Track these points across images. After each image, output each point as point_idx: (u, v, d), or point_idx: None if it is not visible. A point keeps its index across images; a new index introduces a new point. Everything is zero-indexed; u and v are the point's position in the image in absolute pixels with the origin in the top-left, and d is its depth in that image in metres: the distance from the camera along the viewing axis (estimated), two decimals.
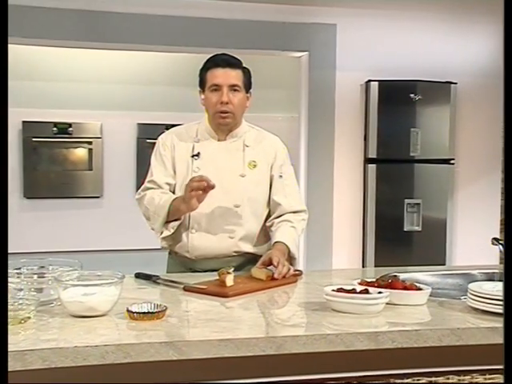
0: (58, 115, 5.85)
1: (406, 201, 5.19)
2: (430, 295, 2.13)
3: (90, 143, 5.91)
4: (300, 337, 1.72)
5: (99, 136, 5.91)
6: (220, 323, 1.84)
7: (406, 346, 1.77)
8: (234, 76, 2.60)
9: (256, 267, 2.48)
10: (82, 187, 6.01)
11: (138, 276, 2.49)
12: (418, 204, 5.21)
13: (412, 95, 5.15)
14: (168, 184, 2.70)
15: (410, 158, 5.19)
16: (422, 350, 1.79)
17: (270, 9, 4.96)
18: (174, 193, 2.71)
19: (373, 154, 5.17)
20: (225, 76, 2.59)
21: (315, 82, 5.16)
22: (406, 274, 2.70)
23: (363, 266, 5.19)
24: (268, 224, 2.74)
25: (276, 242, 2.60)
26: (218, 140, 2.71)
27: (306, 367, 1.80)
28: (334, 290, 1.99)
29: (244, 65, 2.70)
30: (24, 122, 5.81)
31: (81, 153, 5.98)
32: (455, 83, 5.23)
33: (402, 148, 5.17)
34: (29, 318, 1.83)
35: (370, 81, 5.14)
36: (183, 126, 2.82)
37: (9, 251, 5.48)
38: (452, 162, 5.30)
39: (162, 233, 2.66)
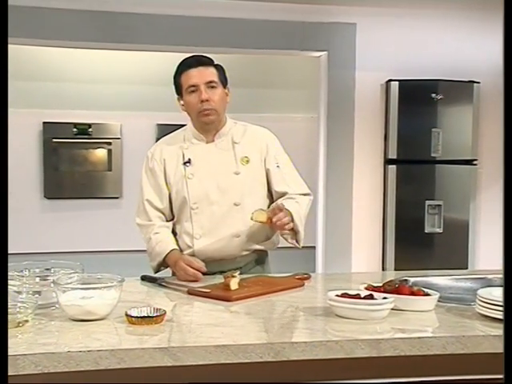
0: (78, 116, 5.87)
1: (427, 202, 5.11)
2: (441, 300, 2.07)
3: (109, 144, 5.92)
4: (298, 343, 1.68)
5: (119, 137, 5.91)
6: (219, 328, 1.80)
7: (408, 353, 1.71)
8: (208, 73, 2.59)
9: (256, 210, 2.46)
10: (102, 188, 6.03)
11: (144, 278, 2.47)
12: (440, 205, 5.12)
13: (433, 95, 5.06)
14: (164, 208, 2.69)
15: (431, 159, 5.10)
16: (425, 358, 1.74)
17: (288, 8, 4.92)
18: (170, 209, 2.70)
19: (393, 155, 5.09)
20: (199, 75, 2.57)
21: (334, 82, 5.11)
22: (420, 278, 2.65)
23: (383, 269, 5.12)
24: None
25: None
26: (207, 142, 2.69)
27: (306, 374, 1.76)
28: (337, 295, 1.95)
29: (216, 62, 2.68)
30: (44, 122, 5.84)
31: (100, 153, 5.99)
32: (478, 82, 5.14)
33: (423, 148, 5.09)
34: (26, 321, 1.82)
35: (390, 80, 5.07)
36: (170, 135, 2.80)
37: (29, 251, 5.52)
38: (475, 162, 5.20)
39: (158, 271, 2.68)
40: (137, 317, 1.83)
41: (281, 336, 1.76)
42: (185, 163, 2.66)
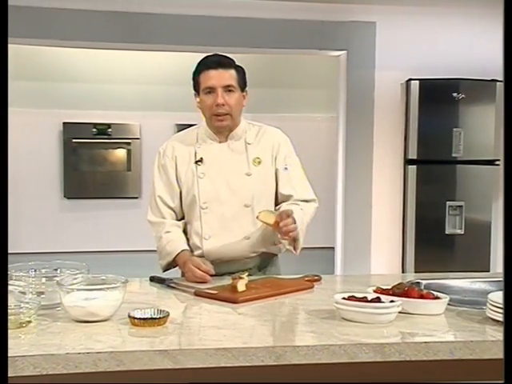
0: (98, 116, 5.89)
1: (448, 203, 5.04)
2: (451, 304, 2.03)
3: (128, 144, 5.93)
4: (301, 347, 1.65)
5: (138, 137, 5.92)
6: (222, 331, 1.78)
7: (414, 358, 1.67)
8: (227, 76, 2.53)
9: (264, 210, 2.42)
10: (121, 188, 6.03)
11: (153, 279, 2.46)
12: (461, 206, 5.05)
13: (455, 94, 5.00)
14: (175, 207, 2.66)
15: (452, 159, 5.04)
16: (432, 363, 1.70)
17: (307, 7, 4.89)
18: (180, 206, 2.67)
19: (413, 155, 5.04)
20: (218, 77, 2.52)
21: (354, 82, 5.07)
22: (434, 281, 2.60)
23: (403, 271, 5.06)
24: (276, 209, 2.65)
25: None
26: (219, 142, 2.66)
27: (310, 378, 1.73)
28: (344, 298, 1.91)
29: (237, 63, 2.63)
30: (64, 123, 5.87)
31: (120, 153, 6.01)
32: (501, 81, 5.04)
33: (444, 148, 5.03)
34: (29, 321, 1.81)
35: (410, 80, 5.01)
36: (182, 132, 2.77)
37: (48, 250, 5.53)
38: (497, 163, 5.11)
39: (167, 269, 2.65)
40: (140, 318, 1.82)
41: (283, 339, 1.72)
42: (196, 162, 2.63)
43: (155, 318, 1.82)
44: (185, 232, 2.68)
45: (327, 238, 5.50)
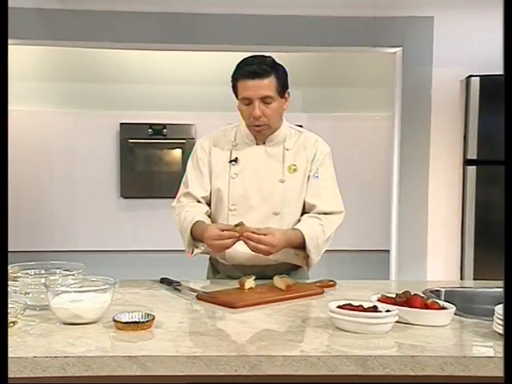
0: (154, 117, 5.93)
1: None
2: (458, 314, 1.89)
3: (183, 144, 5.93)
4: (276, 357, 1.55)
5: (193, 137, 5.91)
6: (202, 337, 1.71)
7: (400, 373, 1.55)
8: (265, 87, 2.41)
9: (277, 276, 2.31)
10: (176, 188, 6.00)
11: (162, 281, 2.42)
12: None
13: None
14: (203, 198, 2.60)
15: None
16: (423, 378, 1.57)
17: (360, 3, 4.75)
18: (210, 201, 2.62)
19: (473, 155, 4.79)
20: (255, 88, 2.41)
21: (410, 79, 4.91)
22: (461, 289, 2.50)
23: (461, 278, 4.82)
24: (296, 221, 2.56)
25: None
26: (257, 144, 2.59)
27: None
28: (339, 306, 1.80)
29: (279, 62, 2.51)
30: (121, 123, 5.93)
31: (175, 154, 6.01)
32: None
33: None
34: (15, 322, 1.80)
35: (470, 76, 4.77)
36: (222, 129, 2.70)
37: (105, 248, 5.60)
38: None
39: (192, 251, 2.55)
40: (123, 322, 1.77)
41: (261, 348, 1.63)
42: (231, 161, 2.57)
43: (138, 322, 1.77)
44: None
45: (383, 240, 5.33)
